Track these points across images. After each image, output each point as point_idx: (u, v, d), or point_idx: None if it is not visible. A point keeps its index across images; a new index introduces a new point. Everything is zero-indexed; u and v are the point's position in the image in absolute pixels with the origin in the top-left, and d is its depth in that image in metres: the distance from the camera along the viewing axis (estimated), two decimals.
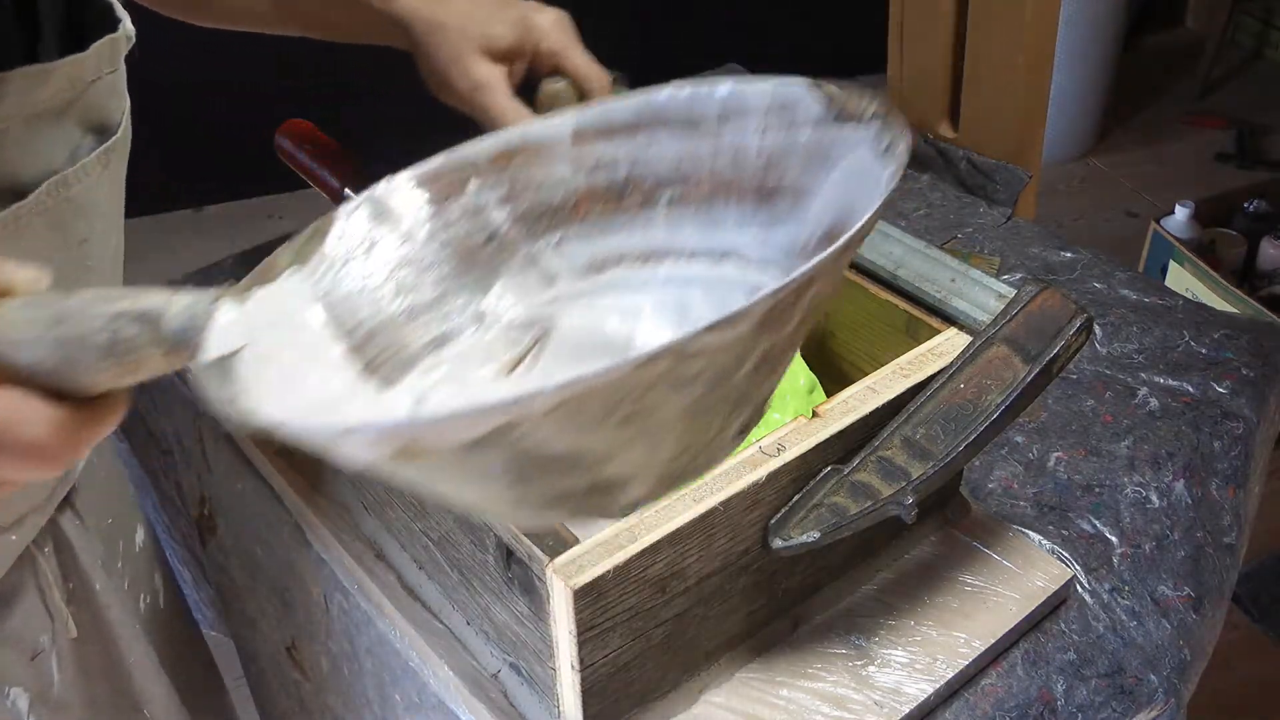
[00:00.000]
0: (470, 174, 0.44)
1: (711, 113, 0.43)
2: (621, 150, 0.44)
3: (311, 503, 0.79)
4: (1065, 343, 0.65)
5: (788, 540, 0.60)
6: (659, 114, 0.44)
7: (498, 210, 0.44)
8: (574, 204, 0.44)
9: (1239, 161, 2.89)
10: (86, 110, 0.56)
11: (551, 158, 0.45)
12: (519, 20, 0.74)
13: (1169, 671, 0.72)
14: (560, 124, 0.44)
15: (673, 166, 0.44)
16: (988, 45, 1.15)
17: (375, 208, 0.43)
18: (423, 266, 0.43)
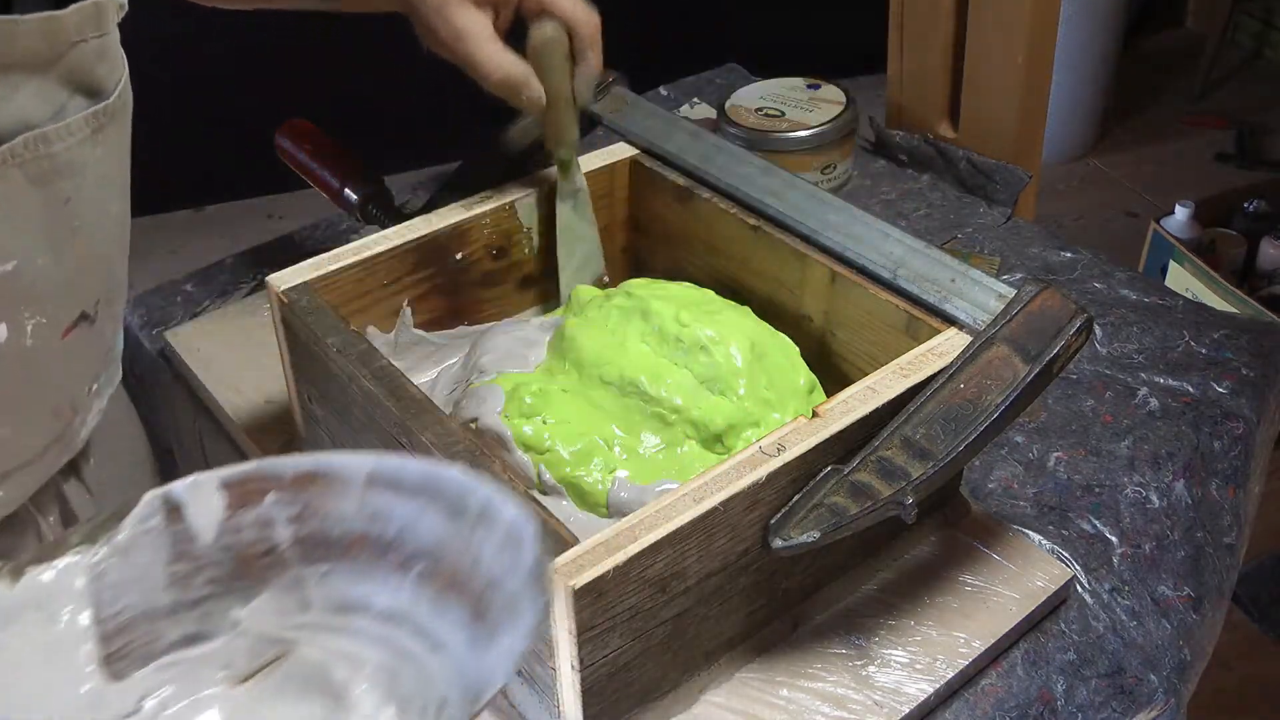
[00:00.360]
0: (272, 487, 0.47)
1: (473, 508, 0.46)
2: (399, 509, 0.47)
3: None
4: (1065, 343, 0.65)
5: (788, 540, 0.60)
6: (438, 489, 0.47)
7: (284, 528, 0.47)
8: (348, 543, 0.47)
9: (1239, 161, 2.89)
10: (71, 71, 0.57)
11: (344, 494, 0.47)
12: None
13: (1169, 671, 0.72)
14: (359, 464, 0.47)
15: (433, 543, 0.47)
16: (988, 45, 1.15)
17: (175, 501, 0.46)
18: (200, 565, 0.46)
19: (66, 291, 0.63)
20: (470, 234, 0.81)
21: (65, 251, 0.61)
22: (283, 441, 0.83)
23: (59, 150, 0.57)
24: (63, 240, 0.60)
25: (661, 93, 1.35)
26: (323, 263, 0.75)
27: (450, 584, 0.46)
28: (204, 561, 0.47)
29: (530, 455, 0.69)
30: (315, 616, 0.48)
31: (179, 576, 0.46)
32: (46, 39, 0.55)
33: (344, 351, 0.68)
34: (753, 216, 0.80)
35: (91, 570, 0.44)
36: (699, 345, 0.72)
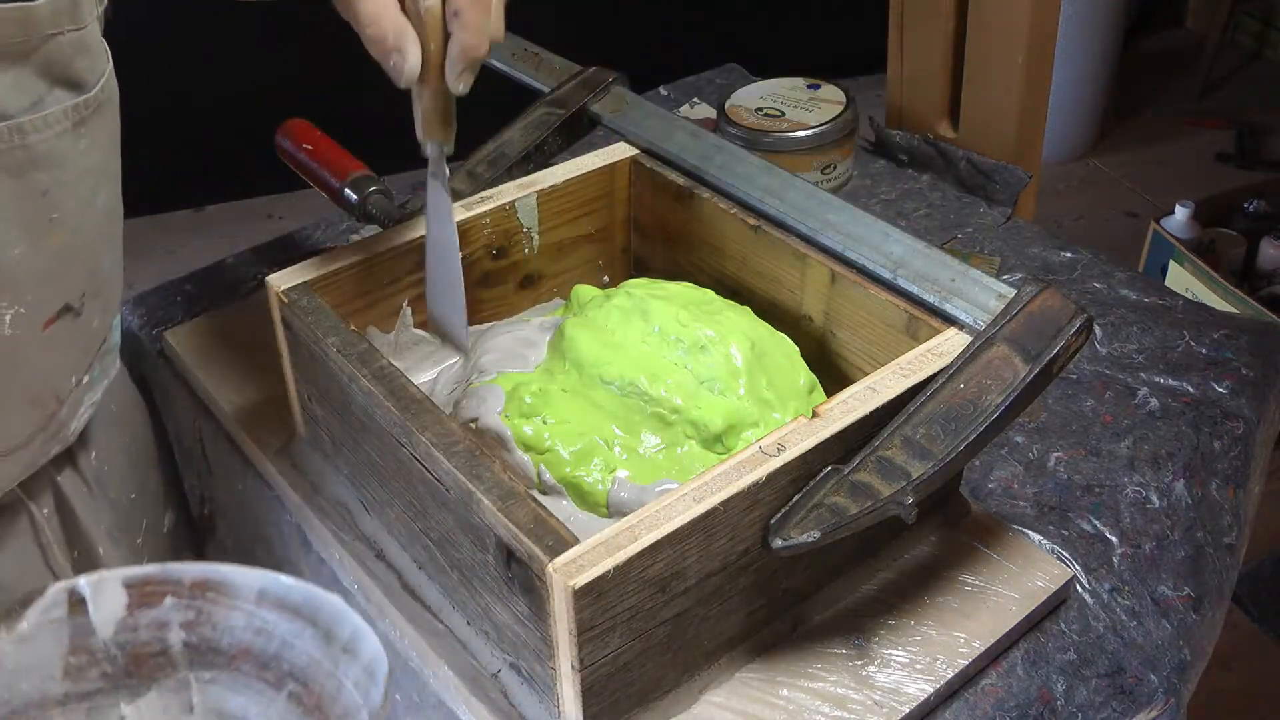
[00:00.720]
0: (171, 591, 0.49)
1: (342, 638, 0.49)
2: (282, 628, 0.49)
3: (311, 503, 0.79)
4: (1065, 343, 0.65)
5: (788, 540, 0.60)
6: (315, 613, 0.49)
7: (177, 631, 0.50)
8: (233, 654, 0.50)
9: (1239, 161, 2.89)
10: (48, 64, 0.57)
11: (234, 605, 0.50)
12: None
13: (1169, 671, 0.72)
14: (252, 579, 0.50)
15: (305, 665, 0.49)
16: (988, 45, 1.15)
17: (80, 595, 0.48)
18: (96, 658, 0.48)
19: (46, 282, 0.63)
20: (470, 234, 0.81)
21: (43, 242, 0.61)
22: (282, 441, 0.83)
23: (35, 141, 0.57)
24: (40, 231, 0.61)
25: (661, 93, 1.35)
26: (323, 263, 0.75)
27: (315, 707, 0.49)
28: (100, 655, 0.49)
29: (530, 455, 0.69)
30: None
31: (74, 668, 0.48)
32: (20, 30, 0.55)
33: (344, 351, 0.68)
34: (753, 216, 0.80)
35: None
36: (699, 345, 0.72)
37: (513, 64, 1.02)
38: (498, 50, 1.05)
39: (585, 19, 2.66)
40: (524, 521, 0.57)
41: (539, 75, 0.99)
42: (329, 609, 0.50)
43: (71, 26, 0.58)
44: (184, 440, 0.94)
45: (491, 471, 0.60)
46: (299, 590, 0.50)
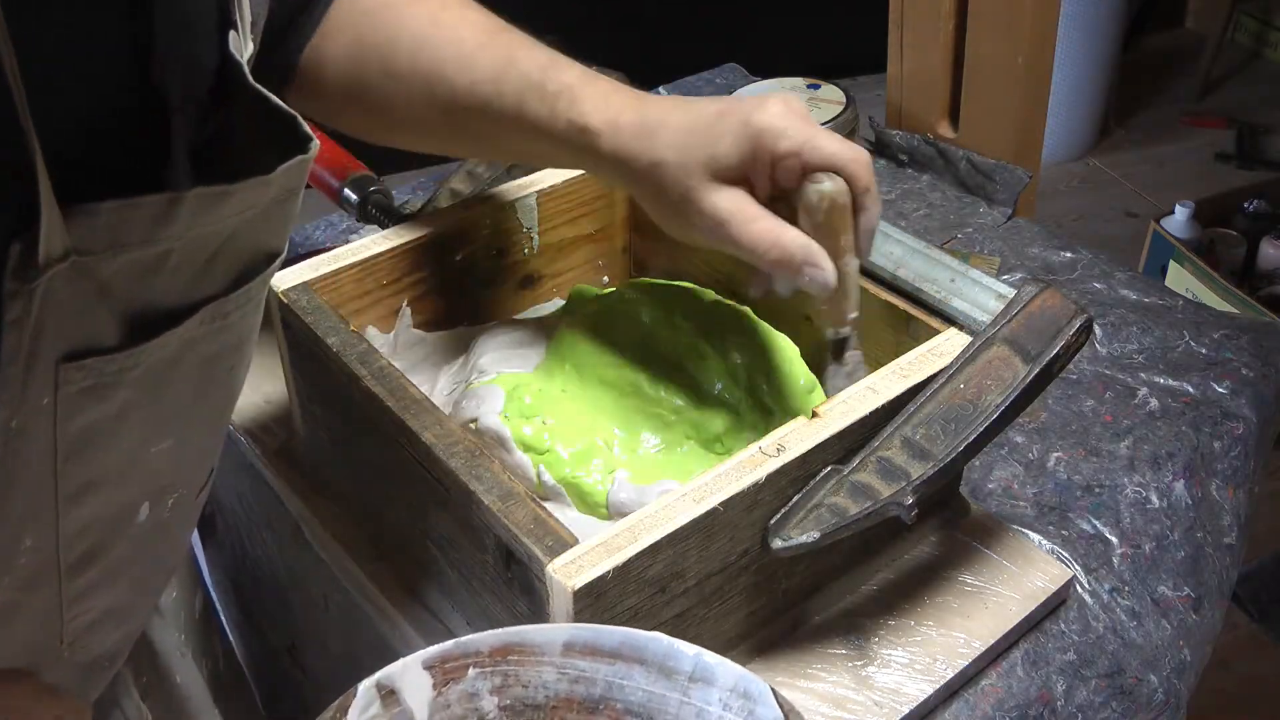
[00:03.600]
0: (472, 662, 0.49)
1: (685, 669, 0.48)
2: (602, 671, 0.49)
3: (311, 503, 0.79)
4: (1065, 343, 0.65)
5: (787, 541, 0.60)
6: (639, 651, 0.49)
7: (489, 698, 0.50)
8: (553, 706, 0.50)
9: (1239, 161, 2.89)
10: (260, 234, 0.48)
11: (541, 661, 0.50)
12: (741, 128, 0.62)
13: (1169, 671, 0.72)
14: (554, 634, 0.50)
15: (642, 701, 0.49)
16: (988, 45, 1.15)
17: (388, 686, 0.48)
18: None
19: (210, 458, 0.56)
20: (470, 234, 0.81)
21: (220, 423, 0.55)
22: (282, 441, 0.83)
23: (234, 320, 0.49)
24: (221, 412, 0.54)
25: (661, 93, 1.35)
26: (323, 263, 0.75)
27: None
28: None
29: (530, 455, 0.69)
30: None
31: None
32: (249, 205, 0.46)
33: (344, 351, 0.68)
34: None
35: None
36: (699, 346, 0.72)
37: None
38: None
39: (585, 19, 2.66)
40: (524, 522, 0.57)
41: None
42: (655, 647, 0.49)
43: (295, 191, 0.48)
44: None
45: (491, 472, 0.60)
46: (611, 635, 0.49)
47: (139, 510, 0.51)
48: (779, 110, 0.63)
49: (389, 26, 0.69)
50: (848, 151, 0.63)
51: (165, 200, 0.41)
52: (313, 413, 0.78)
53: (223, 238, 0.45)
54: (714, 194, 0.63)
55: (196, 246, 0.44)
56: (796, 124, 0.63)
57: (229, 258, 0.47)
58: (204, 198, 0.42)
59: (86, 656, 0.57)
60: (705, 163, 0.63)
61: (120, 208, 0.40)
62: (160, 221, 0.41)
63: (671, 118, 0.64)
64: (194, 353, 0.48)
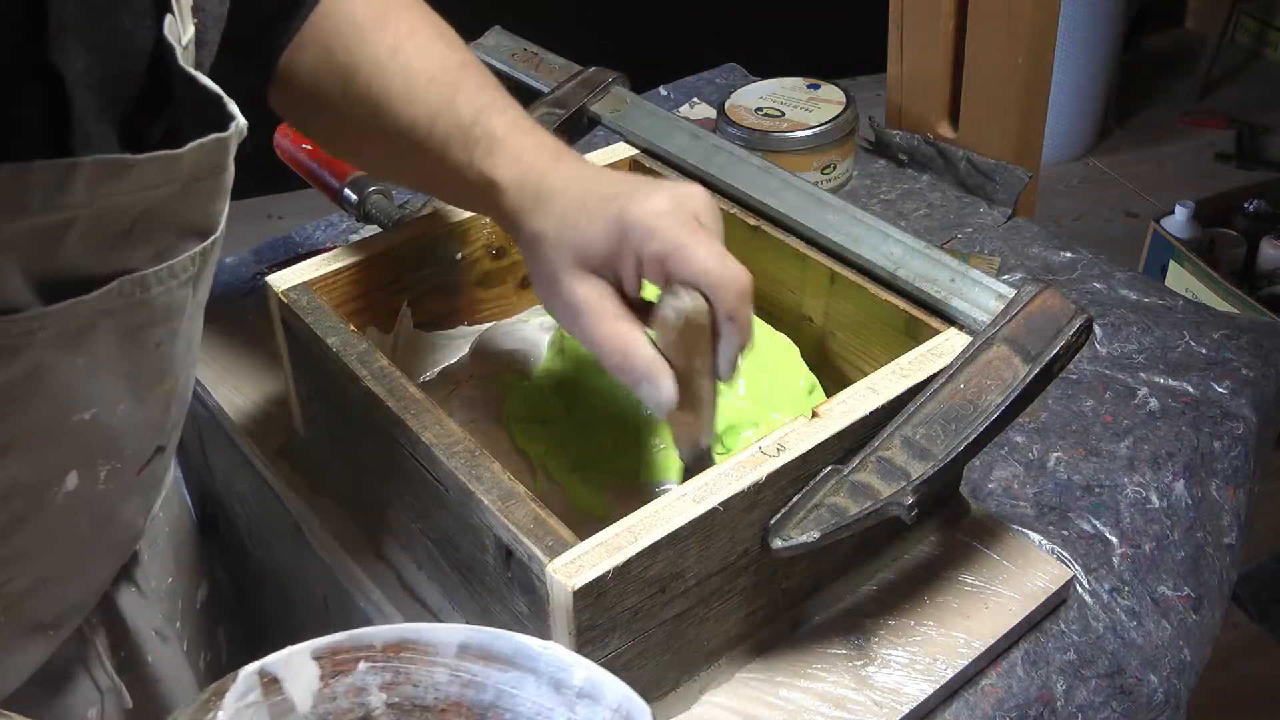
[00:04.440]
0: (363, 656, 0.48)
1: (574, 684, 0.48)
2: (494, 678, 0.48)
3: (311, 503, 0.79)
4: (1065, 343, 0.65)
5: (787, 540, 0.60)
6: (532, 662, 0.48)
7: (377, 694, 0.48)
8: (442, 709, 0.49)
9: (1239, 161, 2.89)
10: (184, 211, 0.49)
11: (434, 661, 0.49)
12: (616, 218, 0.59)
13: (1169, 671, 0.72)
14: (450, 634, 0.49)
15: (530, 713, 0.48)
16: (988, 45, 1.15)
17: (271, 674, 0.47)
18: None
19: (146, 432, 0.57)
20: (470, 234, 0.81)
21: (149, 395, 0.55)
22: (282, 441, 0.83)
23: (156, 295, 0.50)
24: (148, 385, 0.54)
25: (661, 93, 1.35)
26: (323, 263, 0.75)
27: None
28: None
29: (530, 456, 0.69)
30: None
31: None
32: (161, 180, 0.47)
33: (344, 351, 0.68)
34: (753, 216, 0.80)
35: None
36: None
37: (513, 64, 1.03)
38: (498, 50, 1.05)
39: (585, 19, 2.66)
40: (524, 521, 0.57)
41: (539, 75, 0.99)
42: (549, 657, 0.48)
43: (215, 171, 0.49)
44: (184, 440, 0.94)
45: (491, 471, 0.60)
46: (506, 640, 0.49)
47: (65, 479, 0.52)
48: (661, 208, 0.59)
49: (355, 49, 0.69)
50: (719, 269, 0.58)
51: (62, 167, 0.42)
52: (313, 413, 0.78)
53: (137, 211, 0.46)
54: (576, 281, 0.60)
55: (106, 217, 0.45)
56: (672, 226, 0.58)
57: (148, 232, 0.48)
58: (102, 167, 0.44)
59: (25, 622, 0.58)
60: (577, 247, 0.60)
61: (14, 171, 0.41)
62: (58, 188, 0.43)
63: (571, 189, 0.62)
64: (113, 322, 0.49)
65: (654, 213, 0.58)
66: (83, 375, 0.49)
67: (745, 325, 0.60)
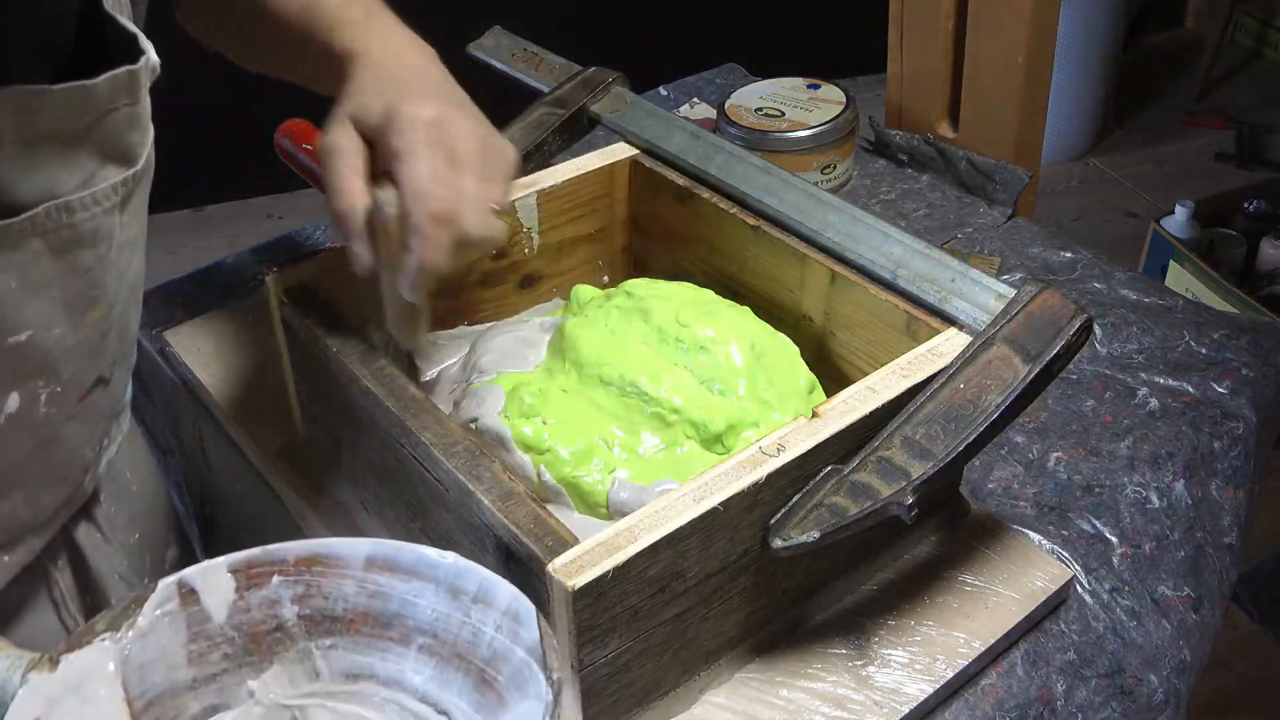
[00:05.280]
0: (277, 570, 0.51)
1: (470, 589, 0.51)
2: (398, 589, 0.51)
3: (311, 503, 0.79)
4: (1065, 343, 0.65)
5: (787, 540, 0.60)
6: (432, 570, 0.51)
7: (289, 606, 0.51)
8: (350, 619, 0.51)
9: (1239, 161, 2.89)
10: (102, 140, 0.54)
11: (344, 574, 0.51)
12: (391, 101, 0.64)
13: (1169, 671, 0.72)
14: (358, 548, 0.51)
15: (430, 620, 0.51)
16: (988, 45, 1.15)
17: (189, 585, 0.50)
18: (215, 643, 0.50)
19: (83, 358, 0.61)
20: None
21: (82, 319, 0.59)
22: (282, 441, 0.83)
23: (82, 219, 0.55)
24: (81, 309, 0.58)
25: (661, 93, 1.35)
26: (323, 263, 0.75)
27: (452, 656, 0.50)
28: (218, 639, 0.51)
29: (530, 455, 0.69)
30: (324, 685, 0.52)
31: (196, 654, 0.50)
32: (78, 109, 0.52)
33: (344, 351, 0.68)
34: (753, 216, 0.80)
35: (119, 654, 0.48)
36: (699, 345, 0.72)
37: (513, 64, 1.02)
38: (498, 50, 1.05)
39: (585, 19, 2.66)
40: (523, 521, 0.57)
41: (539, 75, 0.99)
42: (447, 567, 0.51)
43: (127, 102, 0.54)
44: (184, 440, 0.94)
45: (491, 471, 0.60)
46: (409, 552, 0.51)
47: (5, 400, 0.56)
48: (425, 116, 0.63)
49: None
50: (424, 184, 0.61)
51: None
52: (313, 413, 0.78)
53: (61, 140, 0.51)
54: (338, 129, 0.65)
55: (29, 144, 0.50)
56: (419, 134, 0.62)
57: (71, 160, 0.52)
58: (19, 95, 0.48)
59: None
60: (356, 108, 0.65)
61: None
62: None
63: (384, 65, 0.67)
64: (43, 244, 0.53)
65: (415, 116, 0.63)
66: (15, 298, 0.54)
67: (430, 246, 0.62)
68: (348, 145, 0.64)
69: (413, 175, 0.61)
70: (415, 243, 0.62)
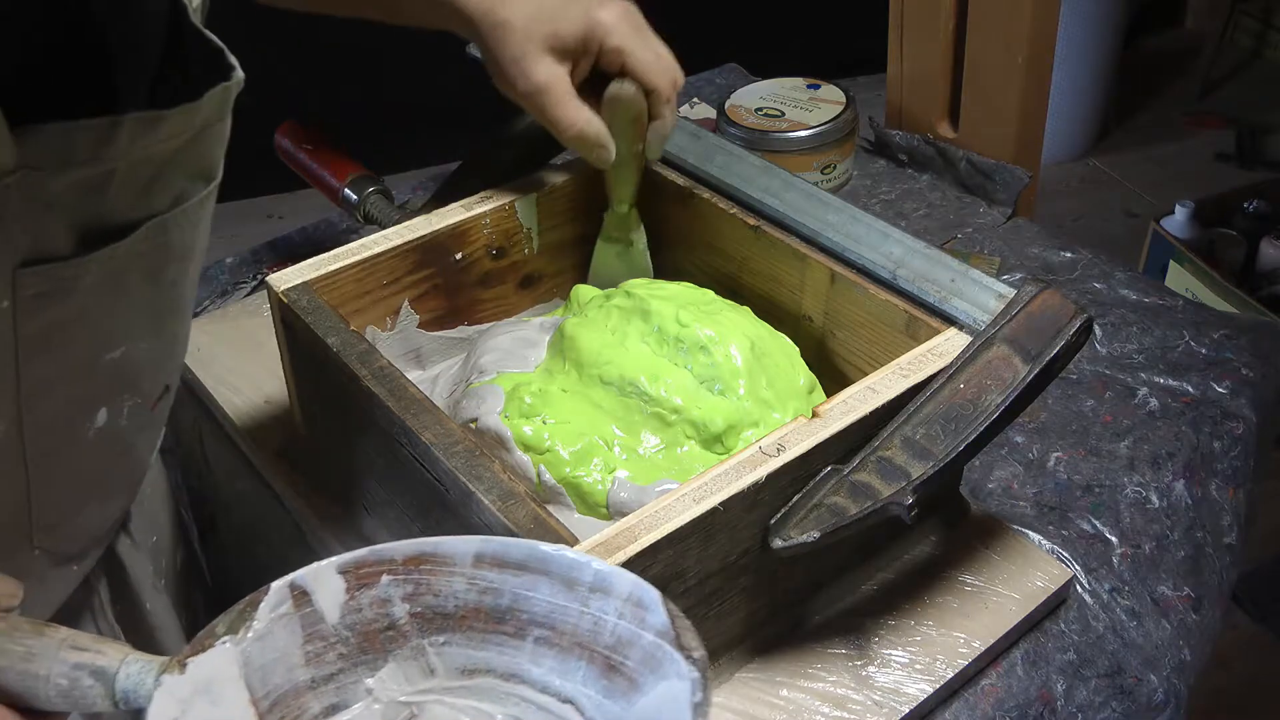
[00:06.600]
0: (385, 570, 0.51)
1: (585, 580, 0.51)
2: (509, 583, 0.51)
3: (311, 503, 0.79)
4: (1065, 343, 0.65)
5: (788, 540, 0.60)
6: (543, 564, 0.51)
7: (400, 605, 0.52)
8: (462, 615, 0.52)
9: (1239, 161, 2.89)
10: (194, 157, 0.54)
11: (453, 572, 0.52)
12: (583, 16, 0.72)
13: (1169, 671, 0.72)
14: (466, 545, 0.52)
15: (546, 612, 0.51)
16: (988, 45, 1.15)
17: (301, 587, 0.51)
18: (330, 643, 0.51)
19: (160, 368, 0.62)
20: (470, 234, 0.81)
21: (165, 332, 0.60)
22: (282, 441, 0.83)
23: (174, 236, 0.55)
24: (164, 321, 0.60)
25: None
26: (323, 263, 0.75)
27: (573, 645, 0.50)
28: (333, 639, 0.51)
29: (530, 455, 0.69)
30: (440, 681, 0.52)
31: (313, 655, 0.51)
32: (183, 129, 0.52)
33: (344, 351, 0.68)
34: (753, 216, 0.80)
35: (240, 656, 0.49)
36: (699, 345, 0.72)
37: None
38: None
39: None
40: (523, 522, 0.57)
41: None
42: (560, 560, 0.51)
43: (218, 119, 0.54)
44: (184, 440, 0.94)
45: (491, 471, 0.60)
46: (519, 547, 0.51)
47: (96, 414, 0.57)
48: (618, 12, 0.74)
49: None
50: (658, 71, 0.74)
51: (106, 124, 0.47)
52: (313, 413, 0.78)
53: (162, 161, 0.51)
54: (542, 65, 0.72)
55: (139, 167, 0.50)
56: (625, 28, 0.74)
57: (168, 180, 0.53)
58: (140, 122, 0.48)
59: (56, 555, 0.63)
60: (546, 35, 0.72)
61: (66, 128, 0.45)
62: (103, 142, 0.47)
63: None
64: (141, 265, 0.54)
65: (616, 15, 0.74)
66: (117, 315, 0.55)
67: (674, 111, 0.78)
68: (555, 77, 0.73)
69: (645, 61, 0.74)
70: (666, 110, 0.77)
